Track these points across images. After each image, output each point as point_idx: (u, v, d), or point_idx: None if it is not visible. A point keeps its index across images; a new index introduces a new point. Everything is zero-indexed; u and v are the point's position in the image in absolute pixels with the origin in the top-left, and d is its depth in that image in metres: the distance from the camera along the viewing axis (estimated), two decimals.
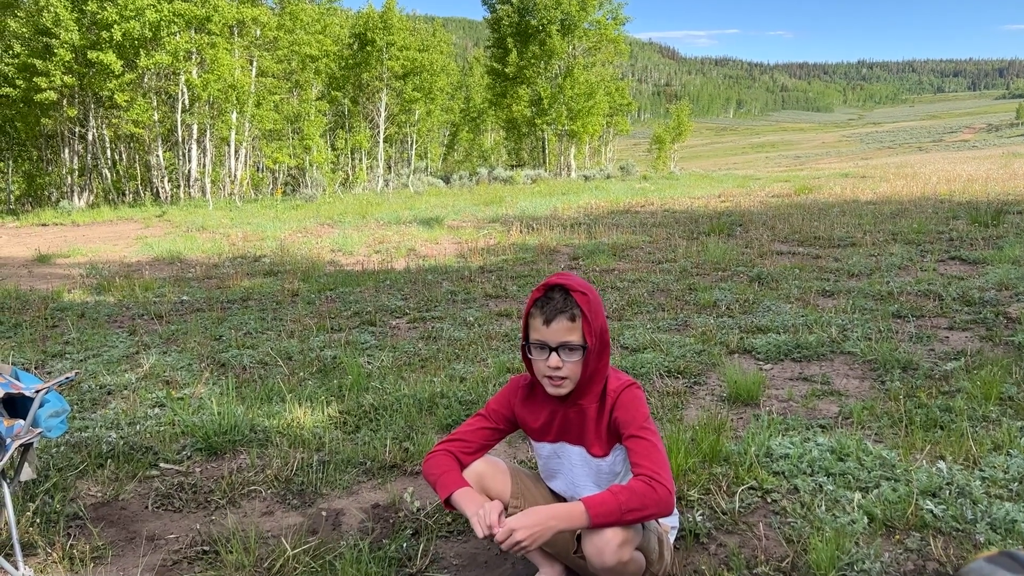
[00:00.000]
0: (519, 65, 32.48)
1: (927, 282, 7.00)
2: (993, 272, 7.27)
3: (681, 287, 7.52)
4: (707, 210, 15.44)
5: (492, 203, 19.56)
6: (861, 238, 10.10)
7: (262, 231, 14.69)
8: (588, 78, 33.23)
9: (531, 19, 32.21)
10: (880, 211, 13.40)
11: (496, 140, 49.82)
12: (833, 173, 29.98)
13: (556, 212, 16.67)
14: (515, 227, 13.44)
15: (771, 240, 10.60)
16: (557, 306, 2.19)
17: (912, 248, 9.15)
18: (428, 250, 11.39)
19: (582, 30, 32.91)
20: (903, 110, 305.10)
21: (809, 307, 6.31)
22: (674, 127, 47.22)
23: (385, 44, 28.56)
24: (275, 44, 27.11)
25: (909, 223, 11.28)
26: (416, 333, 6.17)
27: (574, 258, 9.97)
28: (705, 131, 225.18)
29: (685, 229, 12.35)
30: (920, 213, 12.72)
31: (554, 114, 33.10)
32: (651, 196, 19.87)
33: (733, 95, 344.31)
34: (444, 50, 37.38)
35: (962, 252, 8.60)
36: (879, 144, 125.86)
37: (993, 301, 6.13)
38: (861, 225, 11.44)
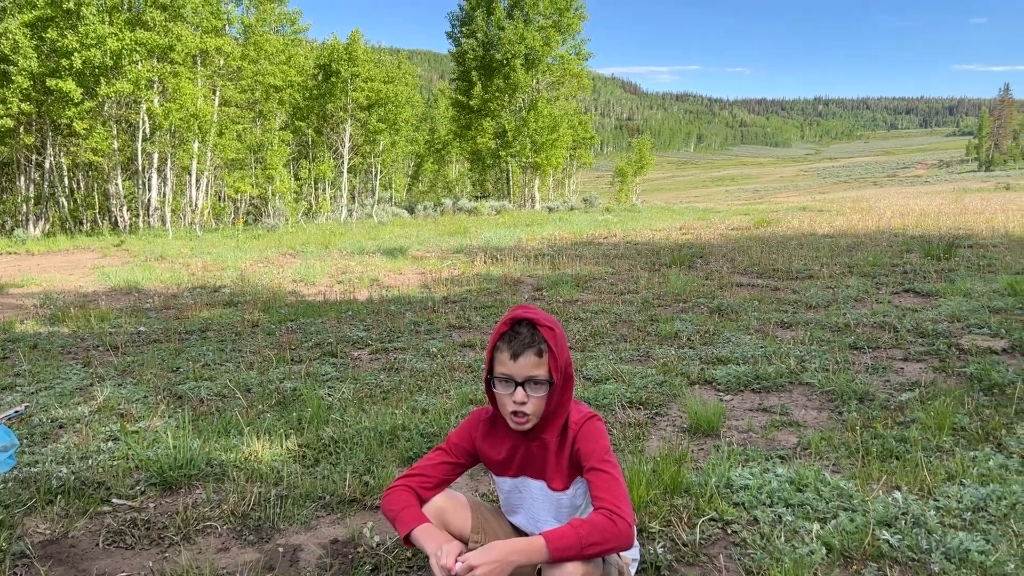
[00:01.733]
0: (484, 98, 32.75)
1: (882, 314, 7.14)
2: (945, 304, 7.45)
3: (643, 318, 7.58)
4: (668, 242, 15.63)
5: (456, 234, 19.59)
6: (818, 270, 10.28)
7: (223, 261, 14.51)
8: (552, 112, 33.61)
9: (495, 53, 32.56)
10: (837, 244, 13.68)
11: (461, 171, 50.02)
12: (791, 206, 30.59)
13: (520, 243, 16.74)
14: (479, 258, 13.47)
15: (731, 272, 10.75)
16: (524, 341, 2.19)
17: (868, 280, 9.35)
18: (392, 280, 11.35)
19: (546, 65, 33.34)
20: (858, 145, 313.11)
21: (768, 338, 6.40)
22: (636, 160, 47.89)
23: (350, 75, 28.62)
24: (239, 74, 27.01)
25: (865, 256, 11.53)
26: (378, 364, 6.13)
27: (538, 289, 10.00)
28: (667, 164, 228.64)
29: (647, 261, 12.47)
30: (875, 246, 13.01)
31: (518, 146, 33.37)
32: (614, 228, 20.07)
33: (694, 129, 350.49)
34: (409, 82, 37.57)
35: (916, 285, 8.80)
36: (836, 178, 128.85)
37: (946, 333, 6.27)
38: (818, 258, 11.66)
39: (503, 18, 32.45)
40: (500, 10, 32.61)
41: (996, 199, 30.20)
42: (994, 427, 3.98)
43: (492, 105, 33.11)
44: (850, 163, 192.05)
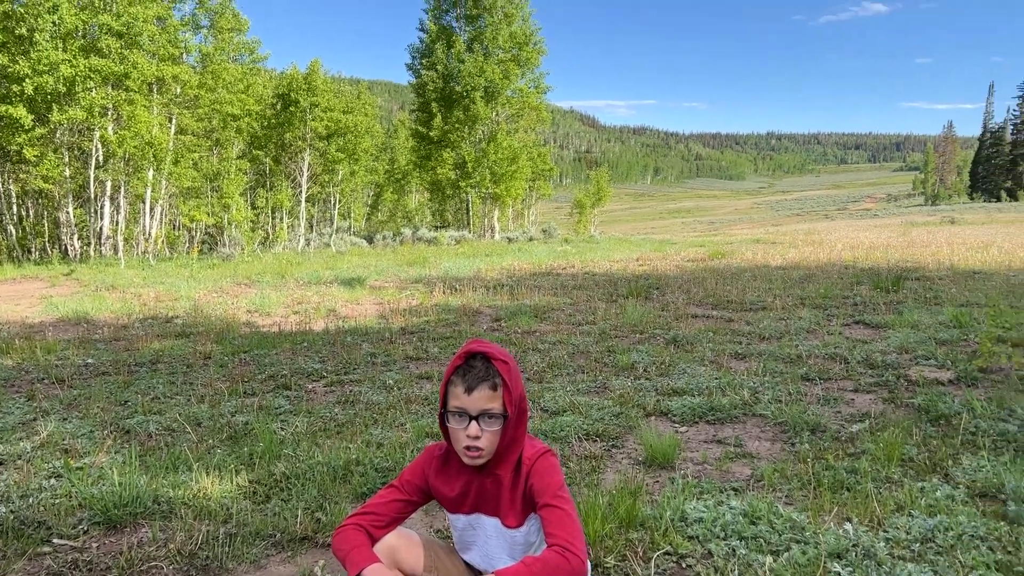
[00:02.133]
0: (443, 129, 32.91)
1: (833, 345, 7.28)
2: (894, 336, 7.62)
3: (600, 349, 7.61)
4: (626, 273, 15.78)
5: (415, 263, 19.54)
6: (772, 302, 10.46)
7: (176, 291, 14.25)
8: (511, 143, 33.88)
9: (455, 85, 32.80)
10: (789, 276, 13.95)
11: (421, 201, 50.04)
12: (745, 239, 31.15)
13: (479, 273, 16.75)
14: (438, 288, 13.43)
15: (687, 303, 10.88)
16: (479, 374, 2.19)
17: (819, 312, 9.53)
18: (349, 311, 11.25)
19: (505, 97, 33.67)
20: (810, 179, 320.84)
21: (723, 370, 6.47)
22: (594, 192, 48.45)
23: (309, 105, 28.56)
24: (196, 102, 26.77)
25: (816, 288, 11.77)
26: (333, 397, 6.05)
27: (496, 319, 9.99)
28: (624, 196, 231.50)
29: (605, 291, 12.56)
30: (826, 278, 13.29)
31: (478, 177, 33.52)
32: (572, 259, 20.20)
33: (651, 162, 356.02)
34: (369, 112, 37.61)
35: (866, 316, 8.99)
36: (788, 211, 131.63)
37: (894, 364, 6.41)
38: (771, 289, 11.86)
39: (463, 51, 32.75)
40: (460, 43, 32.91)
41: (942, 233, 31.12)
42: (941, 458, 4.07)
43: (452, 136, 33.26)
44: (802, 196, 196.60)
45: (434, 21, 33.99)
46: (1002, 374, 5.93)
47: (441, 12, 34.26)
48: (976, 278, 12.89)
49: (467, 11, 33.71)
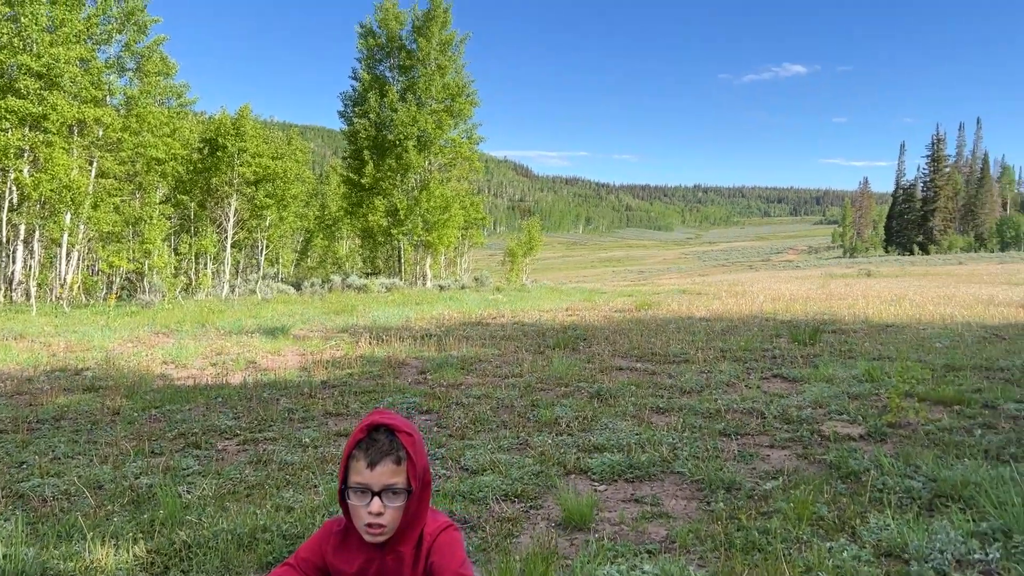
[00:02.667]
0: (375, 177, 32.86)
1: (751, 400, 7.41)
2: (810, 390, 7.81)
3: (525, 403, 7.58)
4: (555, 323, 15.86)
5: (343, 312, 19.26)
6: (694, 355, 10.63)
7: (89, 340, 13.67)
8: (444, 192, 34.01)
9: (388, 134, 32.89)
10: (712, 328, 14.23)
11: (352, 247, 49.63)
12: (673, 289, 31.79)
13: (409, 322, 16.60)
14: (364, 338, 13.23)
15: (612, 355, 10.97)
16: (383, 448, 2.12)
17: (739, 365, 9.71)
18: (269, 362, 10.96)
19: (438, 147, 33.89)
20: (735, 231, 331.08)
21: (644, 424, 6.50)
22: (526, 241, 48.90)
23: (237, 150, 28.17)
24: (119, 145, 26.10)
25: (738, 340, 12.03)
26: (245, 456, 5.83)
27: (422, 372, 9.88)
28: (557, 245, 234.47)
29: (533, 342, 12.58)
30: (748, 331, 13.61)
31: (410, 225, 33.47)
32: (503, 308, 20.23)
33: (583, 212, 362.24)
34: (300, 158, 37.31)
35: (784, 370, 9.21)
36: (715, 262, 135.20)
37: (809, 419, 6.55)
38: (695, 342, 12.07)
39: (396, 100, 32.94)
40: (393, 93, 33.10)
41: (858, 285, 32.36)
42: (850, 516, 4.13)
43: (384, 184, 33.22)
44: (728, 247, 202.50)
45: (367, 70, 34.16)
46: (910, 429, 6.11)
47: (375, 62, 34.47)
48: (889, 331, 13.39)
49: (401, 62, 34.00)
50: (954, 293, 24.40)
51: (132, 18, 26.39)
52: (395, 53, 34.30)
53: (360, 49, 34.48)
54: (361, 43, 34.30)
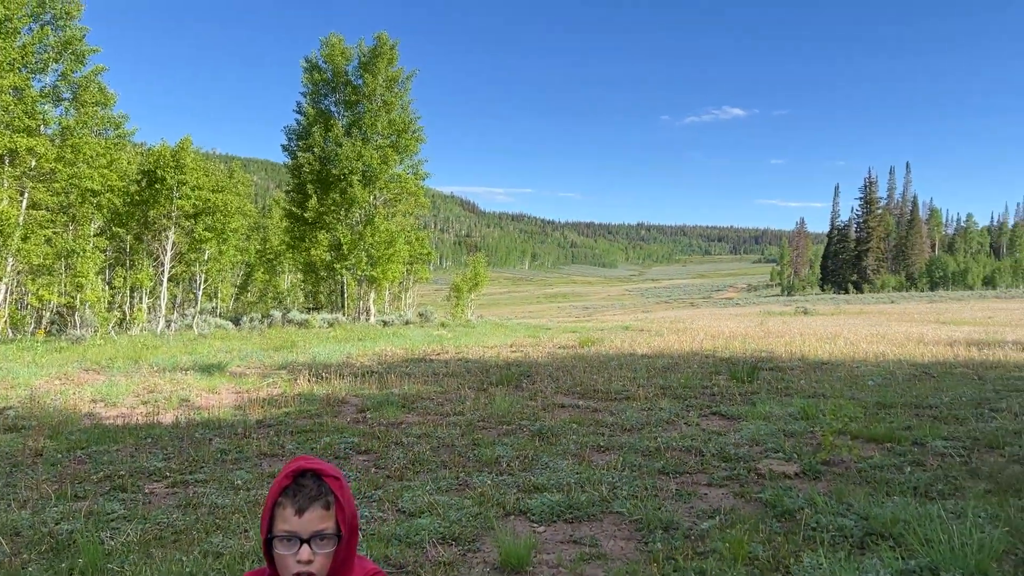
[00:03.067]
0: (319, 211, 32.54)
1: (691, 437, 7.46)
2: (747, 428, 7.91)
3: (466, 442, 7.50)
4: (499, 360, 15.82)
5: (283, 348, 18.89)
6: (636, 391, 10.69)
7: (13, 377, 13.11)
8: (389, 227, 33.83)
9: (332, 168, 32.69)
10: (654, 365, 14.37)
11: (294, 282, 48.88)
12: (616, 325, 32.08)
13: (350, 359, 16.37)
14: (304, 375, 12.98)
15: (555, 392, 10.97)
16: (310, 493, 2.05)
17: (679, 403, 9.80)
18: (204, 401, 10.66)
19: (383, 182, 33.78)
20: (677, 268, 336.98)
21: (584, 463, 6.49)
22: (471, 277, 48.82)
23: (176, 183, 27.62)
24: (52, 176, 25.34)
25: (678, 377, 12.15)
26: (174, 500, 5.63)
27: (362, 410, 9.71)
28: (503, 280, 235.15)
29: (476, 379, 12.50)
30: (688, 367, 13.77)
31: (354, 260, 33.14)
32: (447, 344, 20.11)
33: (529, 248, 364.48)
34: (242, 191, 36.80)
35: (722, 407, 9.32)
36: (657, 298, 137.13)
37: (746, 457, 6.62)
38: (636, 379, 12.15)
39: (341, 135, 32.80)
40: (338, 127, 32.97)
41: (796, 323, 33.13)
42: (784, 555, 4.17)
43: (328, 218, 32.93)
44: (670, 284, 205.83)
45: (312, 105, 33.99)
46: (843, 467, 6.22)
47: (320, 96, 34.34)
48: (824, 369, 13.69)
49: (346, 97, 33.92)
50: (886, 331, 25.14)
51: (69, 47, 25.80)
52: (341, 88, 34.23)
53: (305, 83, 34.32)
54: (306, 77, 34.17)
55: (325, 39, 34.14)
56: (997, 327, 28.61)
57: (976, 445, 7.00)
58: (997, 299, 74.93)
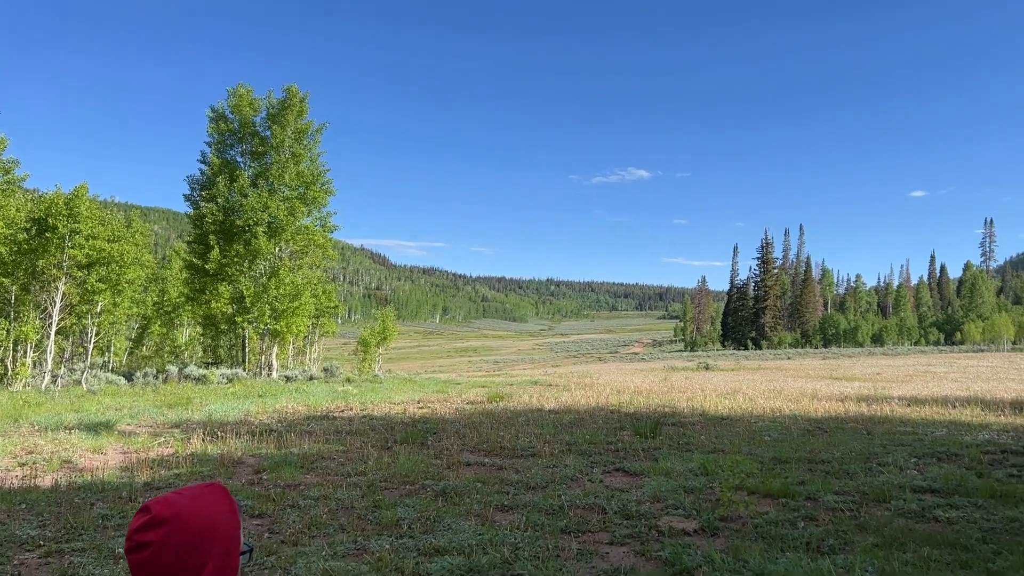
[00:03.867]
0: (221, 262, 31.59)
1: (594, 495, 7.47)
2: (649, 484, 7.98)
3: (366, 504, 7.29)
4: (405, 416, 15.57)
5: (178, 405, 18.08)
6: (542, 448, 10.68)
7: None
8: (294, 280, 33.13)
9: (237, 219, 31.92)
10: (561, 420, 14.42)
11: (192, 335, 47.09)
12: (526, 380, 32.16)
13: (248, 416, 15.80)
14: (198, 434, 12.42)
15: (461, 449, 10.84)
16: None
17: (584, 459, 9.83)
18: (88, 462, 10.04)
19: (290, 234, 33.17)
20: (586, 323, 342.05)
21: (487, 523, 6.39)
22: (380, 331, 48.25)
23: (69, 231, 26.38)
24: None
25: (584, 433, 12.22)
26: (47, 571, 5.23)
27: (258, 471, 9.33)
28: (414, 334, 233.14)
29: (380, 437, 12.25)
30: (594, 423, 13.88)
31: (257, 312, 32.22)
32: (352, 400, 19.68)
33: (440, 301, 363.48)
34: (140, 241, 35.41)
35: (626, 463, 9.40)
36: (566, 353, 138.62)
37: (647, 514, 6.67)
38: (543, 435, 12.15)
39: (247, 186, 32.16)
40: (244, 178, 32.32)
41: (698, 378, 33.99)
42: None
43: (230, 270, 31.99)
44: (579, 339, 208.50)
45: (217, 155, 33.25)
46: (740, 522, 6.34)
47: (226, 146, 33.65)
48: (724, 424, 14.03)
49: (253, 148, 33.38)
50: (783, 387, 26.07)
51: None
52: (248, 139, 33.68)
53: (211, 133, 33.63)
54: (212, 127, 33.49)
55: (233, 89, 33.66)
56: (885, 383, 30.11)
57: (865, 499, 7.27)
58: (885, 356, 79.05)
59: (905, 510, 6.78)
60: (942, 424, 13.76)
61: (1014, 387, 26.16)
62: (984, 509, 6.84)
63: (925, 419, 14.63)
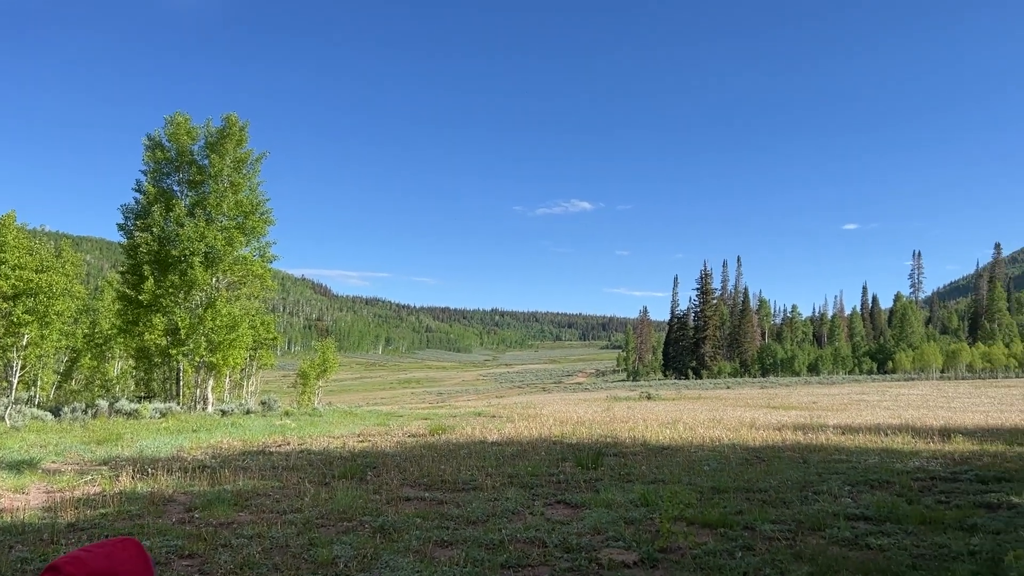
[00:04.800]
0: (155, 293, 30.73)
1: (535, 528, 7.42)
2: (590, 516, 7.96)
3: (301, 542, 7.10)
4: (344, 450, 15.29)
5: (107, 441, 17.43)
6: (483, 481, 10.59)
7: None
8: (232, 311, 32.40)
9: (173, 249, 31.17)
10: (503, 452, 14.34)
11: (125, 368, 45.58)
12: (469, 411, 31.96)
13: (181, 452, 15.32)
14: (127, 471, 11.97)
15: (401, 484, 10.67)
16: None
17: (526, 492, 9.78)
18: (7, 502, 9.57)
19: (228, 264, 32.51)
20: (530, 354, 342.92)
21: (426, 560, 6.29)
22: (320, 363, 47.45)
23: None
24: None
25: (526, 465, 12.16)
26: None
27: (190, 509, 9.03)
28: (356, 365, 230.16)
29: (318, 472, 11.99)
30: (536, 455, 13.83)
31: (192, 344, 31.37)
32: (290, 434, 19.27)
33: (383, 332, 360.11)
34: (70, 271, 34.22)
35: (567, 495, 9.37)
36: (511, 383, 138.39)
37: (587, 547, 6.64)
38: (485, 467, 12.05)
39: (183, 215, 31.46)
40: (180, 207, 31.64)
41: (639, 408, 34.25)
42: None
43: (165, 301, 31.13)
44: (523, 369, 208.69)
45: (153, 183, 32.49)
46: (679, 554, 6.36)
47: (162, 175, 32.92)
48: (664, 453, 14.14)
49: (191, 176, 32.72)
50: (722, 416, 26.44)
51: None
52: (185, 168, 33.03)
53: (147, 161, 32.86)
54: (148, 155, 32.75)
55: (170, 117, 33.06)
56: (820, 411, 30.79)
57: (800, 528, 7.38)
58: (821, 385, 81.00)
59: (839, 538, 6.90)
60: (875, 452, 14.10)
61: (943, 415, 27.04)
62: (914, 535, 7.00)
63: (859, 447, 14.98)
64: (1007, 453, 13.56)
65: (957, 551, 6.33)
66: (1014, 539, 6.66)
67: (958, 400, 41.37)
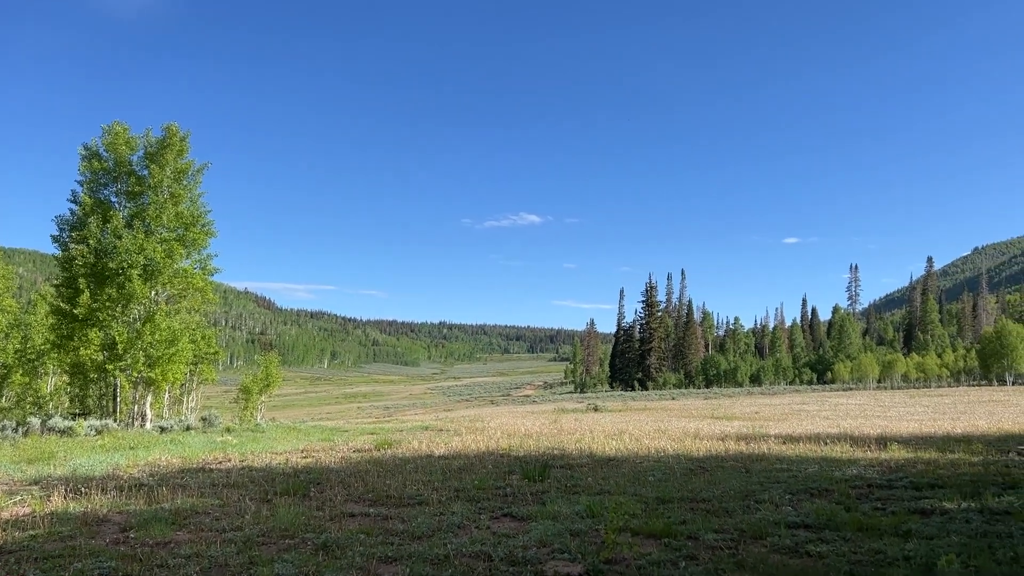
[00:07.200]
0: (91, 307, 29.79)
1: (480, 542, 7.38)
2: (536, 528, 7.96)
3: (241, 561, 6.93)
4: (287, 467, 15.02)
5: (39, 460, 16.81)
6: (429, 495, 10.50)
7: None
8: (171, 324, 31.57)
9: (110, 261, 30.27)
10: (450, 466, 14.25)
11: (59, 384, 44.11)
12: (416, 425, 31.70)
13: (118, 470, 14.85)
14: (59, 491, 11.55)
15: (345, 500, 10.52)
16: None
17: (472, 505, 9.72)
18: None
19: (167, 277, 31.70)
20: (478, 366, 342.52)
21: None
22: (262, 378, 46.63)
23: None
24: None
25: (473, 478, 12.11)
26: None
27: (125, 529, 8.74)
28: (300, 380, 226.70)
29: (259, 489, 11.74)
30: (483, 468, 13.78)
31: (130, 360, 30.46)
32: (231, 451, 18.84)
33: (328, 346, 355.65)
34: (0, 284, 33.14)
35: (514, 508, 9.35)
36: (459, 396, 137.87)
37: (533, 559, 6.63)
38: (431, 481, 11.96)
39: (121, 227, 30.59)
40: (118, 219, 30.75)
41: (587, 419, 34.44)
42: None
43: (102, 315, 30.19)
44: (471, 382, 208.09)
45: (90, 194, 31.53)
46: (624, 564, 6.39)
47: (99, 186, 31.97)
48: (611, 465, 14.22)
49: (130, 187, 31.84)
50: (667, 427, 26.75)
51: None
52: (123, 178, 32.13)
53: (83, 171, 31.87)
54: (84, 165, 31.75)
55: (108, 127, 32.20)
56: (762, 421, 31.40)
57: (743, 536, 7.48)
58: (763, 395, 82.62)
59: (780, 546, 7.02)
60: (815, 460, 14.41)
61: (879, 423, 27.81)
62: (852, 542, 7.17)
63: (799, 456, 15.29)
64: (940, 460, 14.00)
65: (893, 556, 6.50)
66: (946, 544, 6.87)
67: (894, 409, 42.62)
